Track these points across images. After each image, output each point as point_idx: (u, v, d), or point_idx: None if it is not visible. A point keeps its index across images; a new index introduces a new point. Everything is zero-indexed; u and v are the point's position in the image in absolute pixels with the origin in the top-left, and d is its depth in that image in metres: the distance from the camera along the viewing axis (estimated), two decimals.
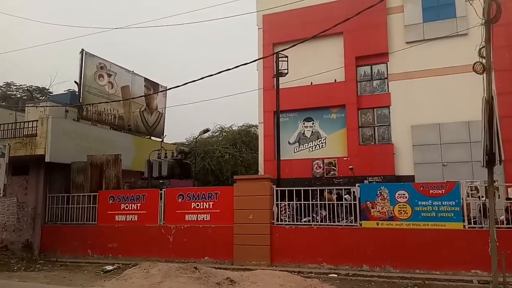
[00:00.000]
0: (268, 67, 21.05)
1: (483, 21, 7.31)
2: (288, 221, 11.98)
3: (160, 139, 22.76)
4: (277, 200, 12.03)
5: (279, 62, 15.44)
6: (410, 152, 19.81)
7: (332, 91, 21.33)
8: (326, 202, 12.00)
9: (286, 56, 15.67)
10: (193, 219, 12.70)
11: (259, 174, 21.07)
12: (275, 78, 16.16)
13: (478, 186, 11.58)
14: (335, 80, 21.36)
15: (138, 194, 13.80)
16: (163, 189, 13.69)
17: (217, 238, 12.30)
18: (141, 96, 21.86)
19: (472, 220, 10.25)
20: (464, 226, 9.97)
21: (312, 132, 21.83)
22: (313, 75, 20.91)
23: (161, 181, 15.83)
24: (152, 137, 23.35)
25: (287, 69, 16.00)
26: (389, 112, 20.75)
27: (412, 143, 19.85)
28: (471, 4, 8.15)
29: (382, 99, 20.94)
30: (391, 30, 20.89)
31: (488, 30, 7.29)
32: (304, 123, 21.98)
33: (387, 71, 21.05)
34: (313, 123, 21.87)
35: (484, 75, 7.39)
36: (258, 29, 23.35)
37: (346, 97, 21.10)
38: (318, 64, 21.41)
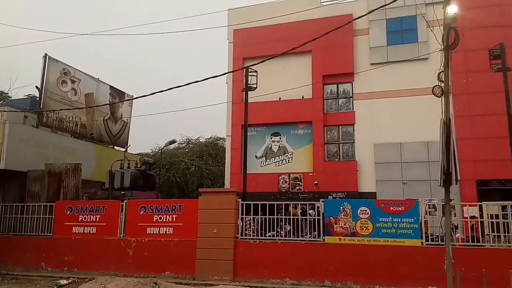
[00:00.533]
0: (238, 81, 21.15)
1: (443, 47, 7.71)
2: (253, 236, 11.91)
3: (124, 149, 22.17)
4: (242, 214, 11.95)
5: (249, 76, 15.57)
6: (373, 169, 20.39)
7: (299, 107, 21.71)
8: (291, 217, 12.04)
9: (256, 71, 15.83)
10: (155, 232, 12.36)
11: (225, 187, 20.94)
12: (244, 92, 16.24)
13: (436, 204, 12.03)
14: (303, 97, 21.77)
15: (97, 206, 13.28)
16: (125, 201, 13.26)
17: (179, 252, 12.01)
18: (106, 105, 21.33)
19: (429, 237, 10.59)
20: (422, 243, 10.28)
21: (279, 146, 22.03)
22: (282, 90, 21.23)
23: (123, 192, 15.36)
24: (115, 147, 22.73)
25: (256, 83, 16.15)
26: (354, 130, 21.34)
27: (374, 161, 20.46)
28: (431, 31, 8.58)
29: (347, 117, 21.53)
30: (357, 51, 21.65)
31: (447, 55, 7.69)
32: (271, 138, 22.17)
33: (352, 90, 21.73)
34: (280, 138, 22.10)
35: (443, 98, 7.75)
36: (229, 43, 23.53)
37: (313, 114, 21.53)
38: (286, 80, 21.80)
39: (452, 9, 7.19)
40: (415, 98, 19.52)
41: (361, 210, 10.85)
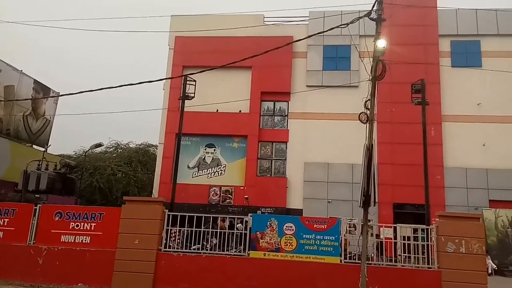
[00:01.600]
0: (175, 88, 20.76)
1: (370, 77, 8.25)
2: (178, 248, 11.55)
3: (44, 149, 20.51)
4: (168, 226, 11.55)
5: (187, 85, 15.34)
6: (301, 186, 21.06)
7: (236, 121, 21.86)
8: (218, 230, 11.90)
9: (194, 80, 15.67)
10: (70, 241, 11.43)
11: (153, 196, 20.21)
12: (180, 100, 15.95)
13: (356, 224, 12.67)
14: (240, 111, 21.97)
15: (6, 208, 12.02)
16: (39, 205, 12.17)
17: (96, 263, 11.23)
18: (28, 99, 19.66)
19: (348, 255, 11.08)
20: (341, 260, 10.70)
21: (212, 158, 21.88)
22: (220, 102, 21.25)
23: (38, 195, 14.13)
24: (34, 146, 20.96)
25: (194, 93, 15.97)
26: (286, 148, 21.94)
27: (303, 179, 21.15)
28: (362, 61, 9.15)
29: (281, 135, 22.10)
30: (295, 73, 22.47)
31: (374, 85, 8.25)
32: (205, 149, 21.97)
33: (288, 109, 22.41)
34: (214, 150, 21.98)
35: (367, 124, 8.25)
36: (169, 49, 23.11)
37: (249, 129, 21.79)
38: (225, 93, 21.88)
39: (381, 43, 7.76)
40: (345, 122, 20.63)
41: (286, 226, 11.03)
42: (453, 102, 21.30)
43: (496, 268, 17.61)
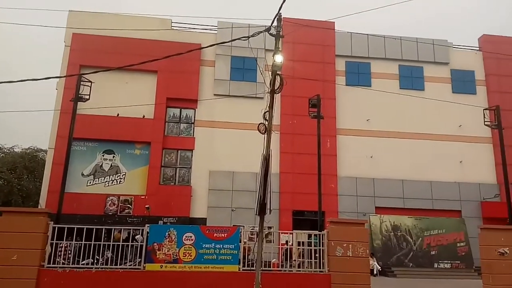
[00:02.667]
0: (70, 89, 19.06)
1: (269, 90, 8.56)
2: (66, 264, 10.53)
3: None
4: (53, 239, 10.48)
5: (82, 86, 14.23)
6: (206, 195, 20.92)
7: (139, 127, 20.93)
8: (111, 242, 11.15)
9: (90, 81, 14.60)
10: None
11: (39, 206, 18.24)
12: (74, 102, 14.72)
13: (257, 231, 12.92)
14: (144, 116, 21.12)
15: None
16: None
17: None
18: None
19: (250, 263, 11.22)
20: (239, 268, 10.81)
21: (111, 165, 20.59)
22: (122, 106, 20.19)
23: None
24: None
25: (89, 94, 14.87)
26: (192, 155, 21.65)
27: (208, 187, 21.06)
28: (261, 74, 9.42)
29: (187, 142, 21.75)
30: (203, 80, 22.41)
31: (272, 98, 8.57)
32: (103, 155, 20.58)
33: (194, 117, 22.19)
34: (113, 156, 20.72)
35: (265, 135, 8.51)
36: (65, 46, 21.30)
37: (153, 135, 21.03)
38: (128, 96, 20.87)
39: (279, 59, 8.10)
40: (250, 132, 21.01)
41: (186, 236, 10.81)
42: (346, 117, 23.25)
43: (380, 269, 19.47)
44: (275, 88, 8.34)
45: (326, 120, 21.31)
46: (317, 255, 10.85)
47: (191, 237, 10.82)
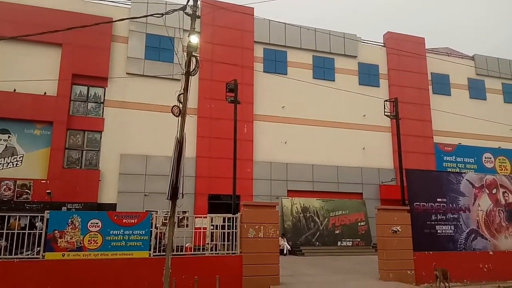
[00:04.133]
0: None
1: (184, 71, 8.31)
2: None
3: None
4: None
5: None
6: (116, 180, 19.89)
7: (39, 104, 19.02)
8: (5, 231, 10.06)
9: None
10: None
11: None
12: None
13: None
14: (45, 93, 19.21)
15: None
16: None
17: None
18: None
19: (162, 248, 10.93)
20: (150, 254, 10.53)
21: (6, 146, 18.51)
22: (19, 81, 18.12)
23: None
24: None
25: None
26: (101, 137, 20.34)
27: (119, 171, 20.03)
28: (176, 54, 9.10)
29: (95, 123, 20.35)
30: (114, 57, 21.02)
31: (187, 80, 8.33)
32: None
33: (104, 96, 20.80)
34: (9, 137, 18.62)
35: (179, 118, 8.28)
36: None
37: (56, 114, 19.27)
38: (28, 70, 18.82)
39: (194, 39, 7.87)
40: (165, 114, 20.26)
41: (91, 223, 10.18)
42: (263, 103, 23.75)
43: (290, 249, 20.52)
44: (191, 70, 8.11)
45: (243, 106, 21.58)
46: (231, 237, 11.02)
47: (97, 223, 10.22)
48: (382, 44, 27.43)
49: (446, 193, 12.76)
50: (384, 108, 17.45)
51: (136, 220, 10.62)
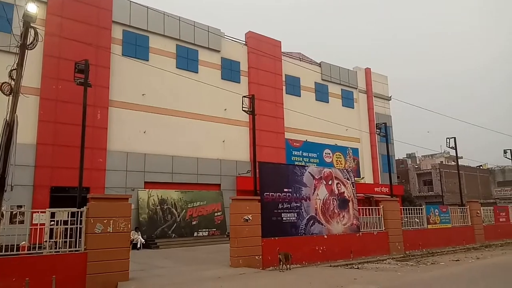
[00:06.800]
0: None
1: (19, 44, 7.12)
2: None
3: None
4: None
5: None
6: None
7: None
8: None
9: None
10: None
11: None
12: None
13: (4, 212, 10.80)
14: None
15: None
16: None
17: None
18: None
19: None
20: None
21: None
22: None
23: None
24: None
25: None
26: None
27: None
28: (10, 25, 7.76)
29: None
30: None
31: (22, 54, 7.16)
32: None
33: None
34: None
35: (11, 97, 7.07)
36: None
37: None
38: None
39: (32, 8, 6.80)
40: None
41: None
42: (122, 89, 22.28)
43: (144, 242, 19.81)
44: (27, 43, 6.99)
45: (97, 90, 19.87)
46: (76, 234, 10.01)
47: None
48: (244, 42, 28.62)
49: (291, 184, 14.05)
50: (243, 103, 18.25)
51: None
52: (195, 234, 22.30)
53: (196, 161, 24.30)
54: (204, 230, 22.71)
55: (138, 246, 19.22)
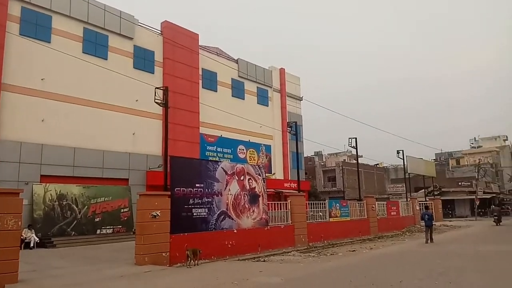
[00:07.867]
0: None
1: None
2: None
3: None
4: None
5: None
6: None
7: None
8: None
9: None
10: None
11: None
12: None
13: None
14: None
15: None
16: None
17: None
18: None
19: None
20: None
21: None
22: None
23: None
24: None
25: None
26: None
27: None
28: None
29: None
30: None
31: None
32: None
33: None
34: None
35: None
36: None
37: None
38: None
39: None
40: None
41: None
42: (17, 71, 19.97)
43: (38, 241, 18.02)
44: None
45: None
46: None
47: None
48: (159, 32, 27.58)
49: (204, 179, 13.94)
50: (155, 95, 17.55)
51: None
52: (98, 231, 20.93)
53: (102, 154, 22.77)
54: (108, 227, 21.42)
55: (32, 245, 17.44)
